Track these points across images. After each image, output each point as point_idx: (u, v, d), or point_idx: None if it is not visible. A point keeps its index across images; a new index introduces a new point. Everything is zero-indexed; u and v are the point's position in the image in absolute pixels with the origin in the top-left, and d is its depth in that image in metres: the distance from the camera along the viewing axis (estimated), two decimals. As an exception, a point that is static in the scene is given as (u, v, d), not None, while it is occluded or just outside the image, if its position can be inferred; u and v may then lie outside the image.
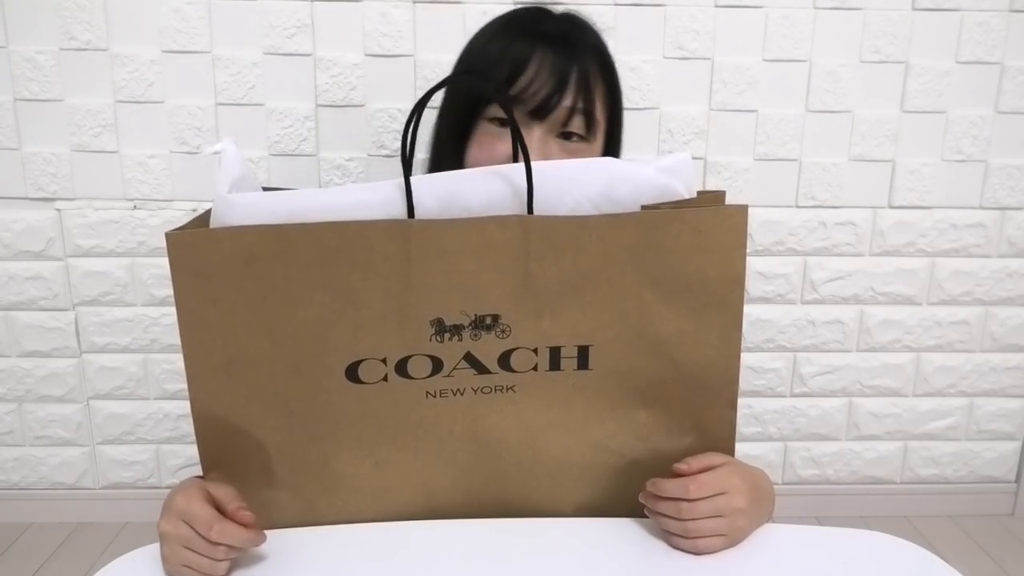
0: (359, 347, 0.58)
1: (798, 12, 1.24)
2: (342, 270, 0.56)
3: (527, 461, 0.63)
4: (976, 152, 1.31)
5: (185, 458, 1.42)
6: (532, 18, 0.74)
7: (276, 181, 1.29)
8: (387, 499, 0.64)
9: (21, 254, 1.31)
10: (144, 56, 1.23)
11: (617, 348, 0.59)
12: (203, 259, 0.55)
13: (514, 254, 0.56)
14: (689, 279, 0.57)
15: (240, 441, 0.60)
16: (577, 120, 0.70)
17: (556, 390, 0.61)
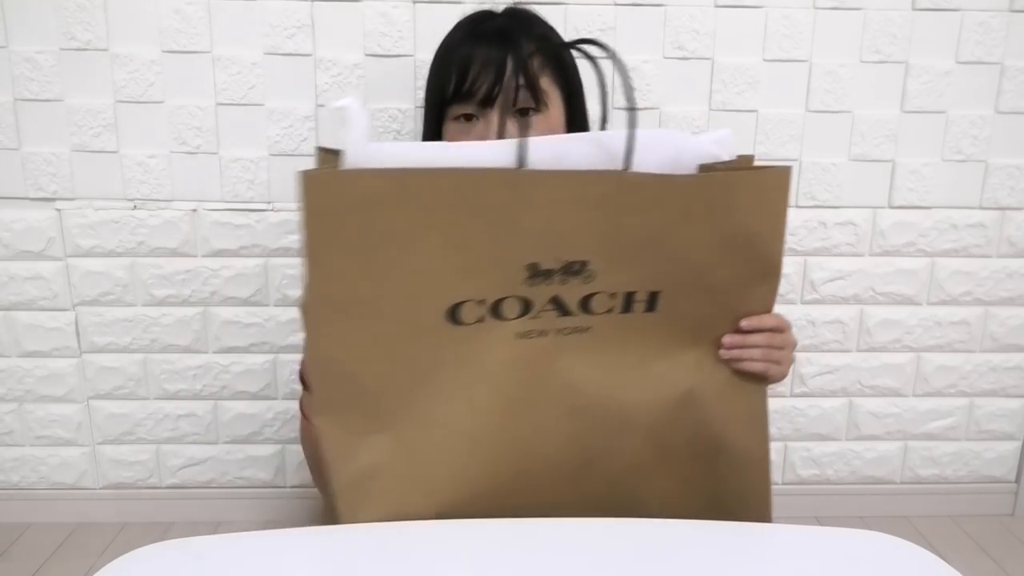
0: (462, 289, 0.62)
1: (798, 12, 1.24)
2: (455, 215, 0.59)
3: (600, 397, 0.68)
4: (976, 152, 1.31)
5: (185, 458, 1.42)
6: (475, 21, 0.86)
7: (276, 181, 1.29)
8: (480, 443, 0.67)
9: (21, 254, 1.31)
10: (144, 56, 1.23)
11: (682, 294, 0.66)
12: (336, 199, 0.57)
13: (608, 206, 0.62)
14: (747, 232, 0.64)
15: (350, 385, 0.63)
16: (523, 96, 0.80)
17: (625, 331, 0.67)
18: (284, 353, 1.37)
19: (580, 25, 1.23)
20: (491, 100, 0.80)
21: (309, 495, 1.45)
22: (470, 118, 0.81)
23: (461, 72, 0.80)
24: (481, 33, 0.83)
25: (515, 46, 0.80)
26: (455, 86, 0.80)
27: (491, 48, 0.80)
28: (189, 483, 1.44)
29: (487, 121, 0.80)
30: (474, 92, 0.79)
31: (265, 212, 1.30)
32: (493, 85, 0.79)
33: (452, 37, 0.85)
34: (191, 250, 1.32)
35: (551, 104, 0.82)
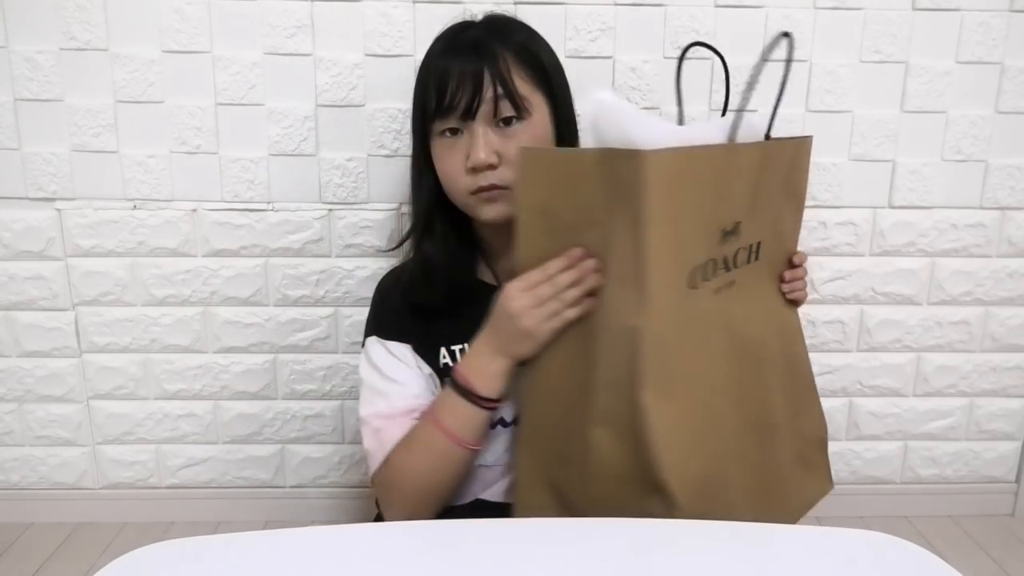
0: (694, 255, 0.71)
1: (798, 12, 1.24)
2: (690, 187, 0.68)
3: (751, 338, 0.79)
4: (976, 152, 1.31)
5: (185, 458, 1.42)
6: (452, 33, 0.85)
7: (276, 181, 1.29)
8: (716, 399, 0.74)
9: (21, 254, 1.31)
10: (144, 56, 1.23)
11: (768, 241, 0.82)
12: (674, 174, 0.65)
13: (756, 171, 0.75)
14: (796, 183, 0.85)
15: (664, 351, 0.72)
16: (504, 105, 0.79)
17: (749, 278, 0.80)
18: (284, 353, 1.37)
19: (580, 25, 1.23)
20: (472, 113, 0.79)
21: (309, 495, 1.45)
22: (455, 132, 0.81)
23: (440, 87, 0.80)
24: (457, 46, 0.82)
25: (491, 56, 0.79)
26: (435, 102, 0.80)
27: (467, 60, 0.79)
28: (189, 483, 1.44)
29: (471, 133, 0.80)
30: (454, 106, 0.79)
31: (265, 212, 1.30)
32: (472, 98, 0.78)
33: (431, 52, 0.85)
34: (191, 250, 1.32)
35: (534, 111, 0.81)
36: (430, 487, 0.79)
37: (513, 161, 0.79)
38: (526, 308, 0.72)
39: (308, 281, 1.33)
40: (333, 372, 1.38)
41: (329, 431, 1.41)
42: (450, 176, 0.82)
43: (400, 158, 1.28)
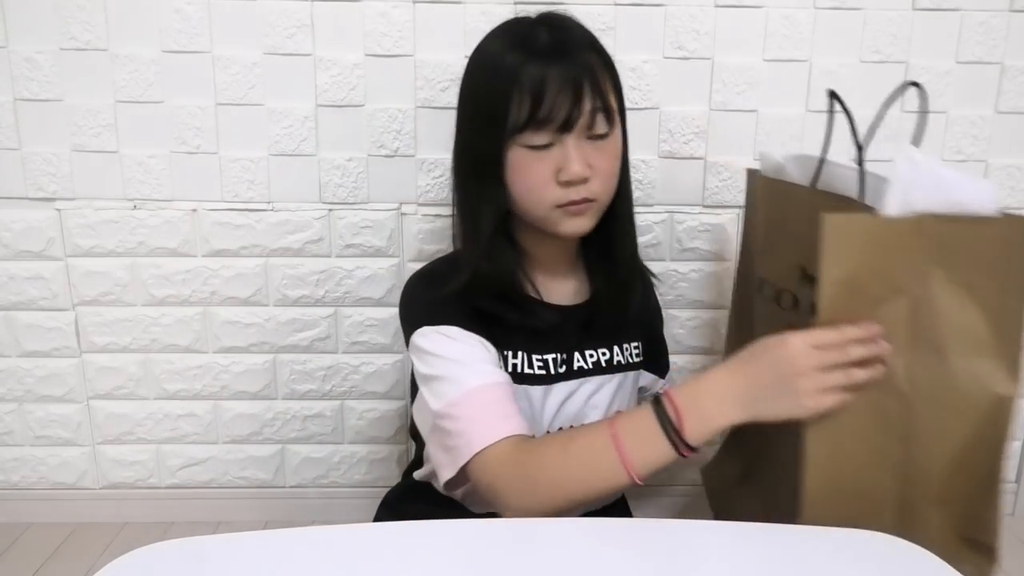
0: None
1: (798, 12, 1.24)
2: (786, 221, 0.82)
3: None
4: (976, 152, 1.31)
5: (185, 458, 1.42)
6: (524, 35, 0.78)
7: (276, 181, 1.29)
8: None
9: (21, 254, 1.31)
10: (144, 56, 1.23)
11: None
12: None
13: None
14: None
15: None
16: (599, 120, 0.76)
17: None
18: (284, 353, 1.37)
19: (580, 25, 1.23)
20: (570, 126, 0.75)
21: (309, 495, 1.45)
22: (536, 147, 0.76)
23: (535, 97, 0.73)
24: (544, 51, 0.75)
25: (588, 66, 0.75)
26: (529, 112, 0.74)
27: (563, 68, 0.74)
28: (189, 483, 1.44)
29: (563, 145, 0.75)
30: (551, 119, 0.74)
31: (265, 212, 1.30)
32: (571, 110, 0.74)
33: (503, 55, 0.77)
34: (191, 250, 1.32)
35: (617, 122, 0.79)
36: (569, 496, 0.70)
37: (603, 174, 0.78)
38: (810, 369, 0.64)
39: (308, 281, 1.33)
40: (333, 372, 1.38)
41: (329, 431, 1.41)
42: (535, 187, 0.77)
43: (400, 158, 1.28)
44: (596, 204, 0.79)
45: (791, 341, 0.65)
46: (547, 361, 0.86)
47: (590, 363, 0.89)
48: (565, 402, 0.88)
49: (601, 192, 0.79)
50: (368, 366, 1.38)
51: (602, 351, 0.90)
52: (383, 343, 1.37)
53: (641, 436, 0.68)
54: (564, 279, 0.90)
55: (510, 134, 0.76)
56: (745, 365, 0.68)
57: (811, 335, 0.65)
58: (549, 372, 0.86)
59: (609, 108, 0.77)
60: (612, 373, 0.91)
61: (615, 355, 0.91)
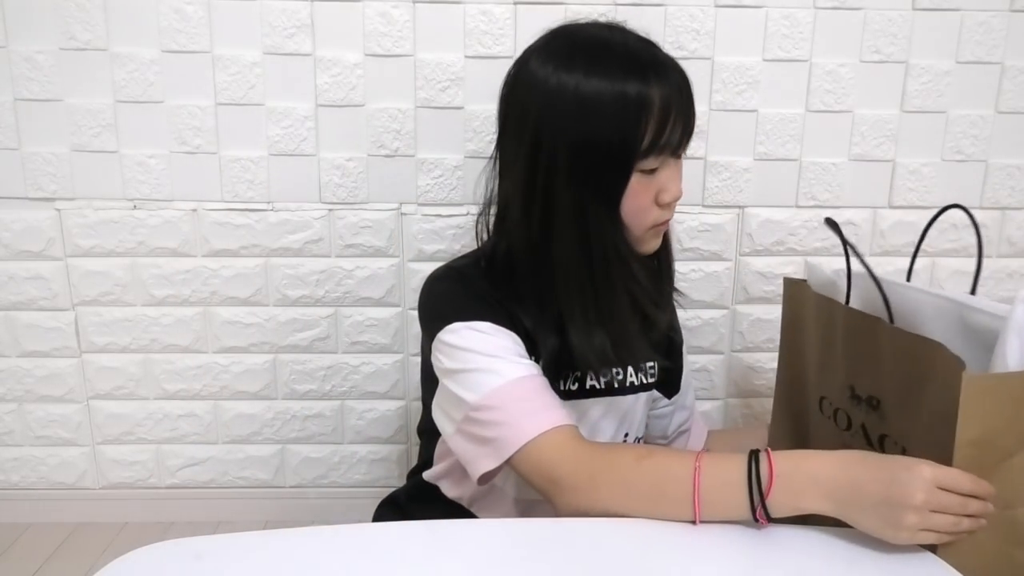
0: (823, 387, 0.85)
1: (798, 12, 1.24)
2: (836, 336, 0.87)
3: None
4: (976, 152, 1.31)
5: (185, 458, 1.42)
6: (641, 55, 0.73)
7: (276, 181, 1.29)
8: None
9: (21, 254, 1.31)
10: (144, 56, 1.23)
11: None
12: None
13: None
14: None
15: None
16: (688, 141, 0.77)
17: None
18: (284, 353, 1.37)
19: (580, 25, 1.23)
20: (680, 150, 0.76)
21: (309, 495, 1.45)
22: (647, 172, 0.74)
23: (661, 122, 0.71)
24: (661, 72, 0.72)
25: (684, 79, 0.74)
26: (652, 138, 0.71)
27: (679, 89, 0.73)
28: (189, 483, 1.44)
29: (668, 169, 0.75)
30: (670, 143, 0.73)
31: (265, 212, 1.30)
32: (683, 134, 0.74)
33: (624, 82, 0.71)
34: (191, 250, 1.32)
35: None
36: (627, 509, 0.67)
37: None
38: (924, 505, 0.59)
39: (308, 281, 1.33)
40: (333, 372, 1.38)
41: (329, 431, 1.41)
42: (640, 211, 0.76)
43: (401, 158, 1.28)
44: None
45: (921, 469, 0.60)
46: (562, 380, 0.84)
47: (602, 383, 0.86)
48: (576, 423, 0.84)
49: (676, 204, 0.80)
50: (368, 366, 1.38)
51: (616, 370, 0.87)
52: (383, 343, 1.37)
53: (722, 481, 0.64)
54: None
55: (635, 158, 0.73)
56: (859, 465, 0.63)
57: (944, 473, 0.61)
58: (562, 388, 0.84)
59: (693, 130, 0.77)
60: (623, 394, 0.88)
61: (628, 376, 0.88)
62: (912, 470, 0.60)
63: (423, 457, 0.96)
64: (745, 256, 1.34)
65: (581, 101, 0.71)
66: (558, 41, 0.76)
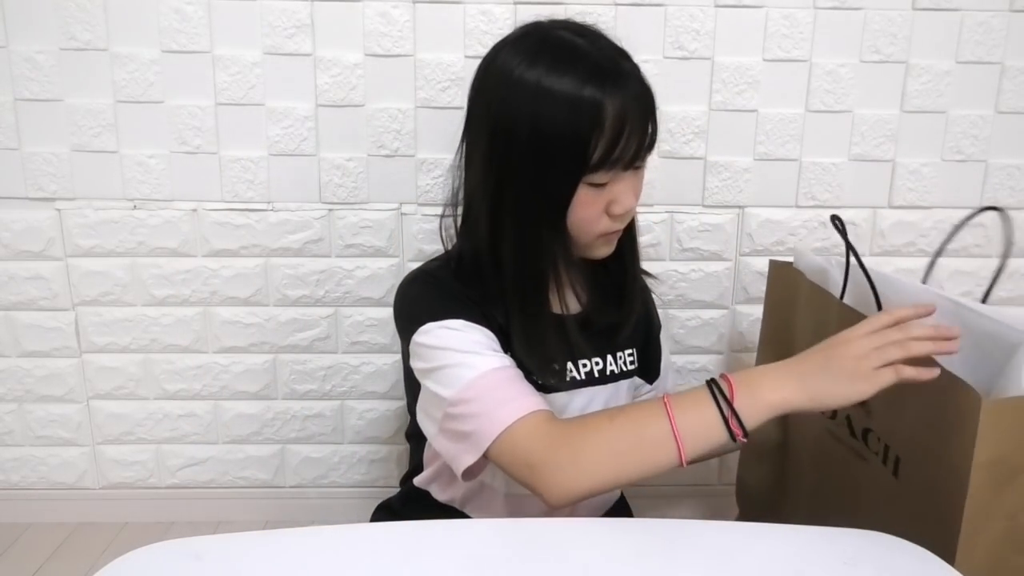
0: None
1: (798, 12, 1.24)
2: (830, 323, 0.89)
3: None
4: (976, 152, 1.31)
5: (185, 458, 1.42)
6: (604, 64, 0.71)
7: (276, 181, 1.29)
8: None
9: (21, 254, 1.31)
10: (144, 56, 1.23)
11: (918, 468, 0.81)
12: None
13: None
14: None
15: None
16: (647, 154, 0.76)
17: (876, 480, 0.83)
18: (284, 353, 1.37)
19: (580, 25, 1.23)
20: (636, 162, 0.74)
21: (309, 495, 1.45)
22: (598, 185, 0.73)
23: (615, 136, 0.70)
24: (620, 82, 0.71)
25: (652, 99, 0.74)
26: (605, 152, 0.70)
27: (636, 103, 0.72)
28: (189, 483, 1.44)
29: (620, 181, 0.74)
30: (623, 158, 0.72)
31: (265, 212, 1.30)
32: (639, 149, 0.73)
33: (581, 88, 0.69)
34: (191, 250, 1.32)
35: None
36: (616, 469, 0.67)
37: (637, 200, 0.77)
38: (869, 349, 0.64)
39: (308, 281, 1.33)
40: (333, 372, 1.38)
41: (329, 431, 1.41)
42: (588, 220, 0.75)
43: (400, 158, 1.28)
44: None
45: (846, 333, 0.66)
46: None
47: (583, 373, 0.86)
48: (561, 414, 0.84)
49: (631, 215, 0.80)
50: (368, 366, 1.38)
51: (595, 360, 0.88)
52: (383, 343, 1.37)
53: (692, 405, 0.66)
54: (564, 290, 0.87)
55: (585, 169, 0.71)
56: (802, 355, 0.68)
57: (864, 323, 0.67)
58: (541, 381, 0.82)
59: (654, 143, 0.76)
60: (605, 383, 0.88)
61: (608, 364, 0.88)
62: (840, 336, 0.66)
63: (413, 463, 0.96)
64: (745, 256, 1.34)
65: (537, 100, 0.70)
66: (529, 38, 0.75)
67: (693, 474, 1.45)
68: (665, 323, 1.35)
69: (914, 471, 0.76)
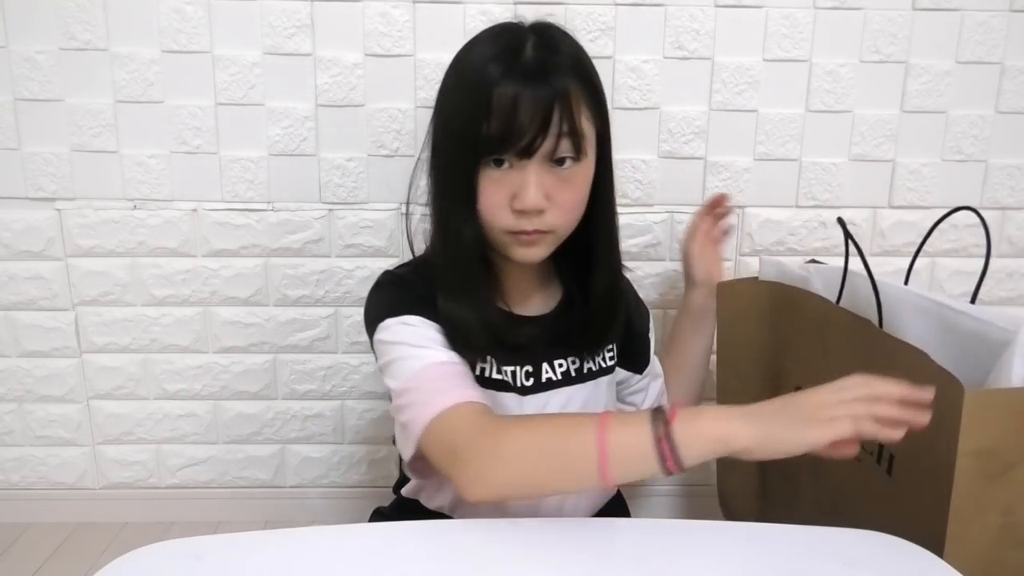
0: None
1: (798, 12, 1.24)
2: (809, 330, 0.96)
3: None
4: (976, 152, 1.31)
5: (185, 458, 1.42)
6: (507, 46, 0.73)
7: (276, 181, 1.29)
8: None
9: (21, 254, 1.31)
10: (144, 56, 1.23)
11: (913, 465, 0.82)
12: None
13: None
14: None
15: None
16: (565, 144, 0.71)
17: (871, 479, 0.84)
18: (284, 353, 1.37)
19: (580, 25, 1.23)
20: (531, 151, 0.71)
21: (309, 495, 1.45)
22: (501, 163, 0.72)
23: (505, 117, 0.69)
24: (523, 67, 0.71)
25: (562, 87, 0.70)
26: (498, 132, 0.70)
27: (537, 88, 0.69)
28: (189, 483, 1.44)
29: (522, 171, 0.72)
30: (516, 142, 0.70)
31: (265, 212, 1.30)
32: (536, 135, 0.70)
33: (485, 67, 0.72)
34: (191, 250, 1.32)
35: (589, 150, 0.74)
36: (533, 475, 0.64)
37: (563, 206, 0.73)
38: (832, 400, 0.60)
39: (308, 281, 1.33)
40: (333, 372, 1.38)
41: (329, 431, 1.41)
42: (489, 210, 0.74)
43: (400, 158, 1.28)
44: (551, 236, 0.75)
45: (815, 388, 0.62)
46: (513, 372, 0.82)
47: (559, 373, 0.84)
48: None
49: (558, 224, 0.75)
50: (368, 366, 1.38)
51: (571, 359, 0.86)
52: (383, 343, 1.36)
53: (627, 426, 0.62)
54: (534, 290, 0.86)
55: (477, 151, 0.72)
56: (763, 402, 0.63)
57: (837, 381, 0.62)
58: (517, 384, 0.83)
59: (579, 136, 0.72)
60: (582, 382, 0.86)
61: (585, 363, 0.86)
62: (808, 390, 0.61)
63: (400, 472, 0.95)
64: (745, 256, 1.34)
65: (453, 79, 0.75)
66: (485, 31, 0.77)
67: (693, 474, 1.45)
68: (663, 320, 1.35)
69: (907, 468, 0.77)
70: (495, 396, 0.80)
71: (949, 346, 0.76)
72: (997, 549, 0.69)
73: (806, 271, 0.99)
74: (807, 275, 0.98)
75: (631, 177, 1.30)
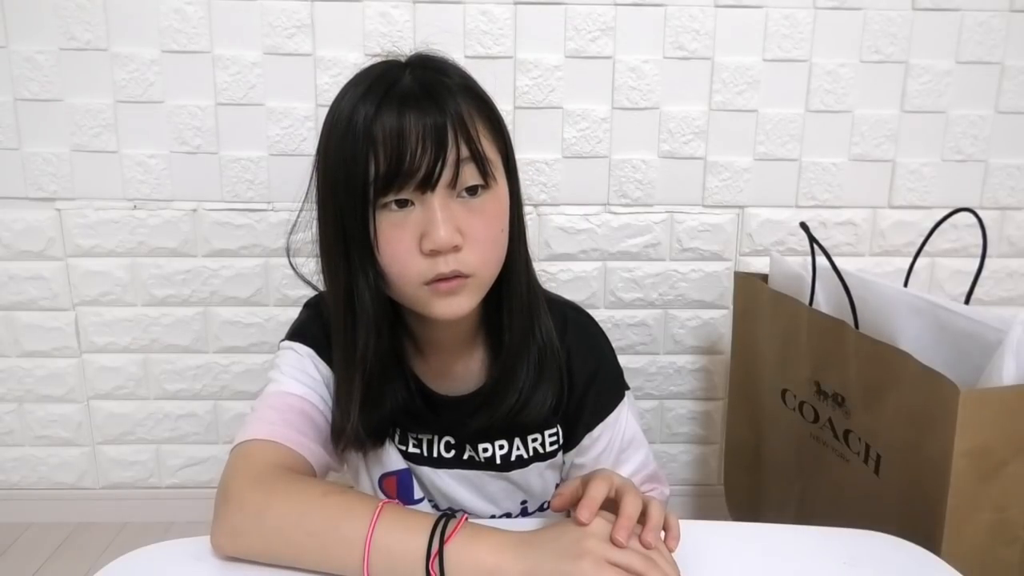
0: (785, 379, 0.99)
1: (798, 12, 1.24)
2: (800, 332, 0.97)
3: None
4: (976, 152, 1.31)
5: (185, 458, 1.42)
6: (385, 77, 0.63)
7: (276, 181, 1.29)
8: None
9: (21, 254, 1.31)
10: (144, 56, 1.23)
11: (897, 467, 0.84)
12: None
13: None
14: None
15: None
16: (469, 171, 0.61)
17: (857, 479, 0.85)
18: (284, 353, 1.37)
19: (580, 25, 1.23)
20: (432, 182, 0.60)
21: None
22: (404, 203, 0.61)
23: (392, 150, 0.60)
24: (404, 93, 0.61)
25: (454, 107, 0.61)
26: (387, 167, 0.60)
27: (424, 112, 0.60)
28: (189, 483, 1.44)
29: (426, 207, 0.61)
30: (412, 173, 0.60)
31: (265, 212, 1.30)
32: (435, 162, 0.60)
33: (359, 105, 0.62)
34: (191, 250, 1.32)
35: (498, 175, 0.64)
36: (289, 543, 0.58)
37: (481, 241, 0.62)
38: (606, 537, 0.55)
39: (308, 281, 1.33)
40: (333, 372, 1.38)
41: (329, 431, 1.41)
42: (398, 261, 0.62)
43: (400, 158, 1.28)
44: (473, 280, 0.63)
45: (593, 523, 0.56)
46: (427, 441, 0.74)
47: (483, 457, 0.74)
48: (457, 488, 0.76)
49: (478, 265, 0.63)
50: (368, 366, 1.38)
51: (499, 444, 0.74)
52: (383, 343, 1.37)
53: (404, 526, 0.57)
54: (457, 363, 0.74)
55: (369, 196, 0.62)
56: (545, 527, 0.58)
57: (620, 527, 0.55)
58: (432, 455, 0.74)
59: (483, 159, 0.62)
60: (508, 471, 0.75)
61: (515, 449, 0.75)
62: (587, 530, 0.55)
63: None
64: (745, 256, 1.34)
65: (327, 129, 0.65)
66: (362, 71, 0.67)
67: (693, 474, 1.45)
68: (663, 320, 1.35)
69: (895, 467, 0.77)
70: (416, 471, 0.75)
71: (943, 345, 0.76)
72: (990, 546, 0.70)
73: (804, 269, 0.99)
74: (804, 273, 0.99)
75: (631, 177, 1.30)
